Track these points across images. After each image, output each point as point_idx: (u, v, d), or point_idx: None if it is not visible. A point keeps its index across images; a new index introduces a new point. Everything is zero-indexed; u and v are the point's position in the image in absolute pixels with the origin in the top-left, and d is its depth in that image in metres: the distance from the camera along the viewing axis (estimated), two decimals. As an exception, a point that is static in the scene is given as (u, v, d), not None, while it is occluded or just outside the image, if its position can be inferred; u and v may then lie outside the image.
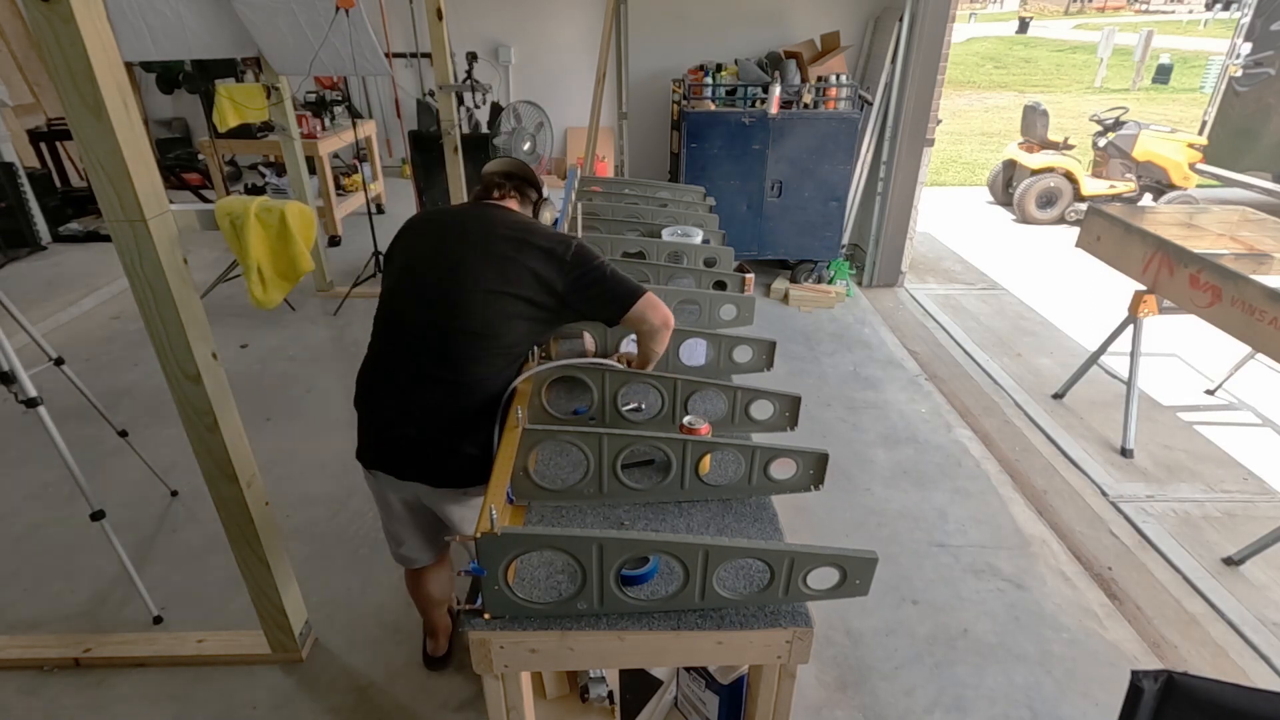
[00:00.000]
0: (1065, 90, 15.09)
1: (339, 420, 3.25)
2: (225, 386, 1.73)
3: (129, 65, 6.36)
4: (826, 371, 3.84)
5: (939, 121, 4.55)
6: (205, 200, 5.94)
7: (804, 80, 4.53)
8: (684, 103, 4.62)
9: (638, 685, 1.83)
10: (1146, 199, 6.57)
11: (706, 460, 1.35)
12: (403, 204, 6.70)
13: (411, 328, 1.54)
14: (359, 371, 1.64)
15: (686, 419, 1.40)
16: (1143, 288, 3.10)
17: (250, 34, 3.75)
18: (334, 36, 3.60)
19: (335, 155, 6.27)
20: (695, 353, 1.77)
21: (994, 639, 2.21)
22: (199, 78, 4.68)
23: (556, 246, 1.53)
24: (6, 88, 5.64)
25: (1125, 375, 3.20)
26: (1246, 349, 3.40)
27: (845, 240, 5.05)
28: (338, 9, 3.49)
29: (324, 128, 5.42)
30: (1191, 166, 6.31)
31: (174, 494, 2.79)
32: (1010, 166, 6.94)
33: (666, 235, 2.39)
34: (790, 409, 1.52)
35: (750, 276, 2.42)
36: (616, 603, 1.10)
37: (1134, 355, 3.15)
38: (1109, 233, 3.31)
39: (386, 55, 3.86)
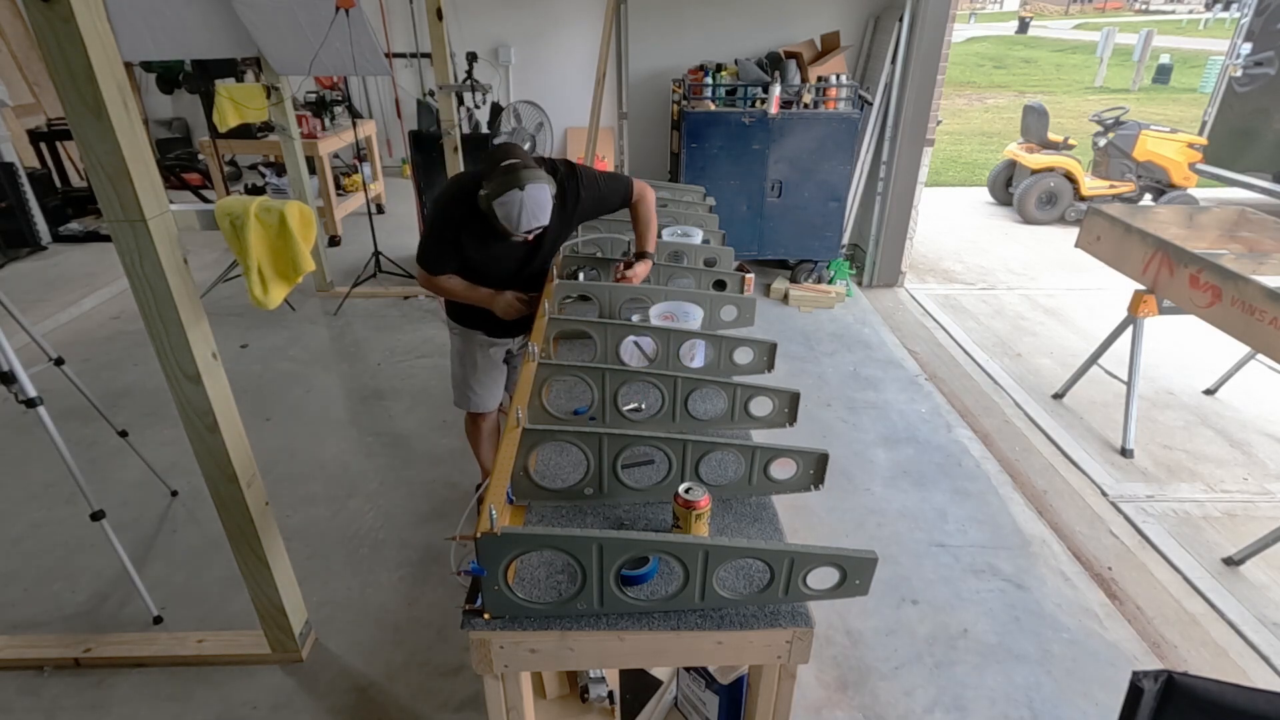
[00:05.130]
0: (1065, 90, 15.09)
1: (339, 420, 3.25)
2: (225, 386, 1.73)
3: (129, 65, 6.36)
4: (826, 371, 3.84)
5: (939, 121, 4.55)
6: (205, 200, 5.94)
7: (804, 80, 4.53)
8: (684, 103, 4.61)
9: (638, 685, 1.83)
10: (1146, 199, 6.57)
11: (702, 525, 1.23)
12: (403, 204, 6.70)
13: None
14: None
15: (684, 490, 1.22)
16: (1143, 288, 3.10)
17: (250, 34, 3.75)
18: (334, 36, 3.60)
19: (335, 155, 6.27)
20: (695, 354, 1.77)
21: (994, 639, 2.21)
22: (199, 78, 4.69)
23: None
24: (6, 88, 5.64)
25: (1125, 375, 3.20)
26: (1246, 349, 3.40)
27: (845, 240, 5.05)
28: (338, 9, 3.49)
29: (324, 128, 5.42)
30: (1191, 166, 6.31)
31: (174, 494, 2.79)
32: (1010, 166, 6.94)
33: (666, 235, 2.39)
34: (789, 405, 1.52)
35: (750, 276, 2.42)
36: (616, 603, 1.10)
37: (1134, 355, 3.15)
38: (1109, 233, 3.31)
39: (386, 55, 3.86)
